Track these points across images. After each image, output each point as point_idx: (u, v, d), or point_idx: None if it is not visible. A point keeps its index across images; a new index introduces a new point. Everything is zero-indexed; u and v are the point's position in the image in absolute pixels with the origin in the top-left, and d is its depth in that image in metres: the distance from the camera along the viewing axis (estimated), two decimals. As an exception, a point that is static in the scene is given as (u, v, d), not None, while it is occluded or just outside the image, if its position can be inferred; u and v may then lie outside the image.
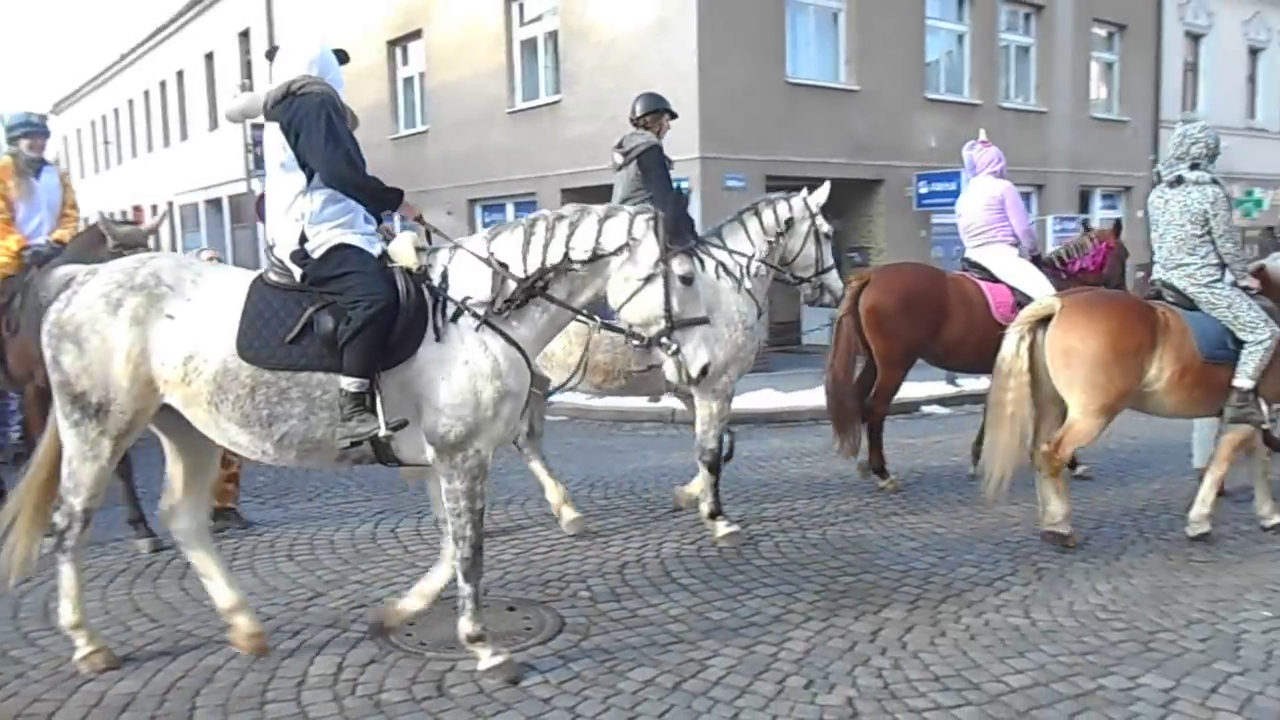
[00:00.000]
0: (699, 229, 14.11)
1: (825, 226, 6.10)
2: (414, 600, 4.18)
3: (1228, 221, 5.33)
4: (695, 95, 13.02)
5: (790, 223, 5.98)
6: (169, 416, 3.78)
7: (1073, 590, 4.76)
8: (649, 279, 3.69)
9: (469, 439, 3.64)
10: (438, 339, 3.62)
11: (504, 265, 3.73)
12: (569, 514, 5.91)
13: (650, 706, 3.60)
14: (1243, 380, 5.25)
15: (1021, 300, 6.50)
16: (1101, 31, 19.39)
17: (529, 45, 16.23)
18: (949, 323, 6.62)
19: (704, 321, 3.79)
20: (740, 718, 3.52)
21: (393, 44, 19.04)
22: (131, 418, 3.67)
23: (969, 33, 16.69)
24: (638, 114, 6.08)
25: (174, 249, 28.99)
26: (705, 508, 5.69)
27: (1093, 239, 7.63)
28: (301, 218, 3.67)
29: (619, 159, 5.94)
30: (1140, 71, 20.12)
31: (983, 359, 6.09)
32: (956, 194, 14.76)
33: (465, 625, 3.83)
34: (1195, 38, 21.82)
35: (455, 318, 3.66)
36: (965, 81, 16.82)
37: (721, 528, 5.59)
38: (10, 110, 6.24)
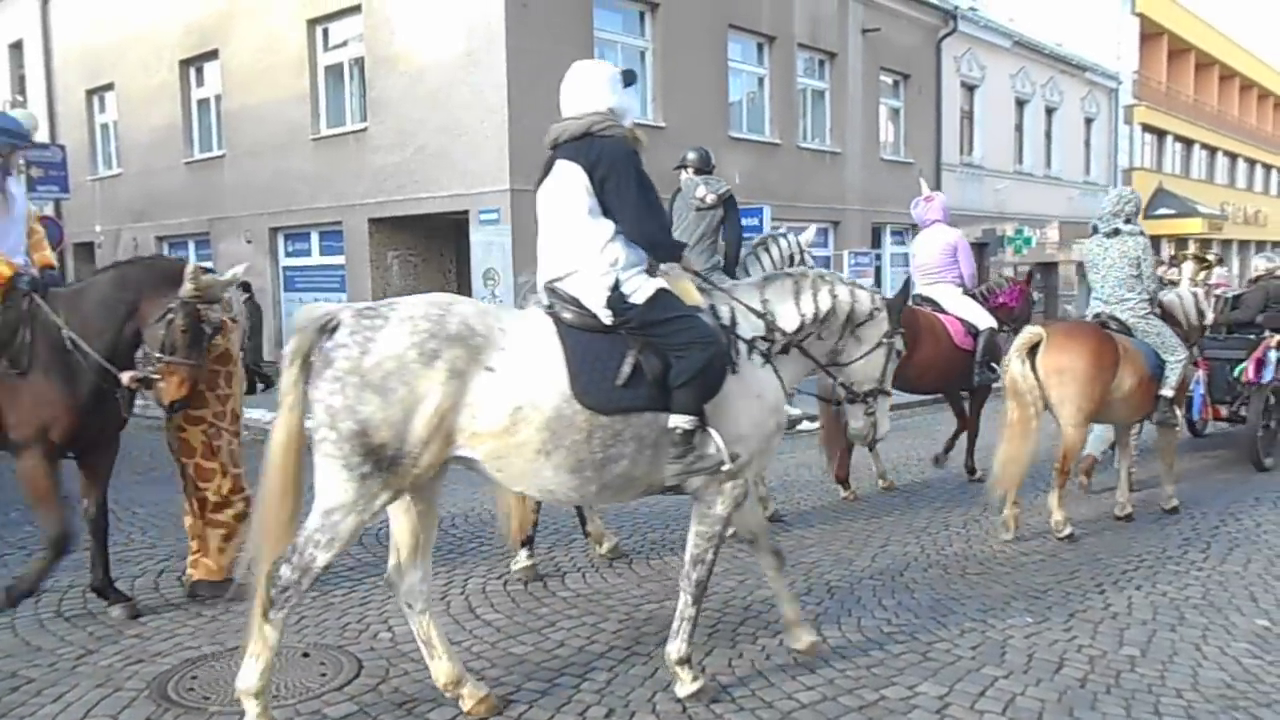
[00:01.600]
0: (511, 263, 14.14)
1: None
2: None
3: (1152, 265, 6.63)
4: (505, 128, 13.06)
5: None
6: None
7: (861, 606, 5.03)
8: (878, 345, 4.21)
9: (747, 467, 3.82)
10: (734, 374, 3.72)
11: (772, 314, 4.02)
12: (608, 542, 5.97)
13: None
14: (1167, 390, 6.54)
15: (969, 329, 7.56)
16: (888, 79, 20.84)
17: (334, 70, 15.82)
18: (920, 348, 7.01)
19: (889, 393, 4.38)
20: (542, 753, 3.50)
21: (186, 63, 18.10)
22: (421, 472, 3.45)
23: (769, 76, 17.54)
24: (711, 164, 7.29)
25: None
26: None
27: (1009, 280, 8.93)
28: (615, 264, 3.65)
29: (711, 199, 6.72)
30: (923, 118, 21.75)
31: (946, 380, 7.63)
32: (759, 229, 15.44)
33: (678, 648, 3.89)
34: (970, 88, 23.81)
35: (748, 355, 3.86)
36: (766, 122, 17.65)
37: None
38: None
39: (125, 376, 4.80)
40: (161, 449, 7.26)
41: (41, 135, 17.40)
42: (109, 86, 19.84)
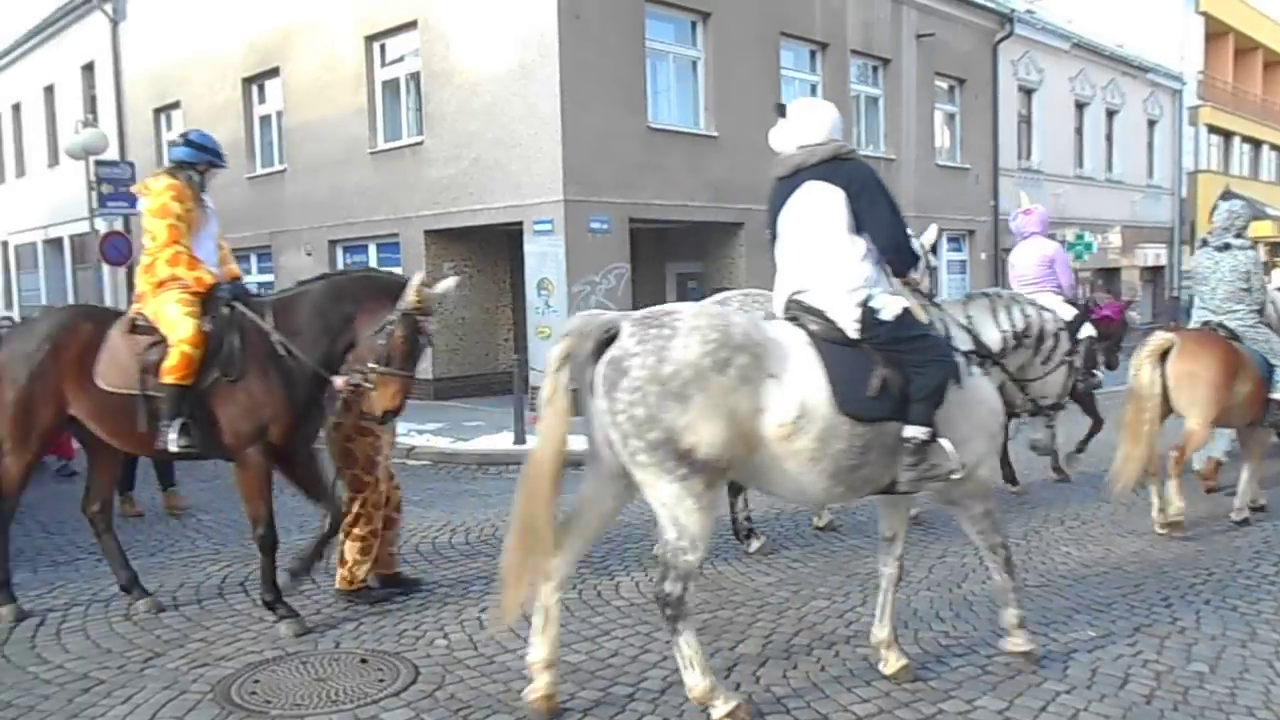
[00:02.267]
0: (564, 273, 14.26)
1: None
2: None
3: (1261, 277, 6.93)
4: (559, 140, 13.15)
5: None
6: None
7: (917, 618, 4.96)
8: (1061, 363, 4.59)
9: (978, 467, 4.03)
10: (958, 384, 3.93)
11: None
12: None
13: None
14: (1277, 394, 6.72)
15: None
16: (943, 84, 20.60)
17: (391, 86, 16.07)
18: None
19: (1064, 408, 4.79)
20: (595, 761, 3.51)
21: (248, 81, 18.53)
22: (722, 474, 3.60)
23: (822, 83, 17.44)
24: None
25: (9, 292, 27.28)
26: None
27: (1111, 295, 9.12)
28: (866, 281, 3.86)
29: None
30: (979, 123, 21.45)
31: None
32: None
33: (1014, 613, 4.27)
34: (1028, 92, 23.43)
35: (967, 366, 4.09)
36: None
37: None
38: (195, 131, 5.52)
39: (339, 381, 4.95)
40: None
41: (111, 153, 17.92)
42: (175, 105, 20.38)
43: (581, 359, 3.57)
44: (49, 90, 24.37)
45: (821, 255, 3.87)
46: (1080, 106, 25.45)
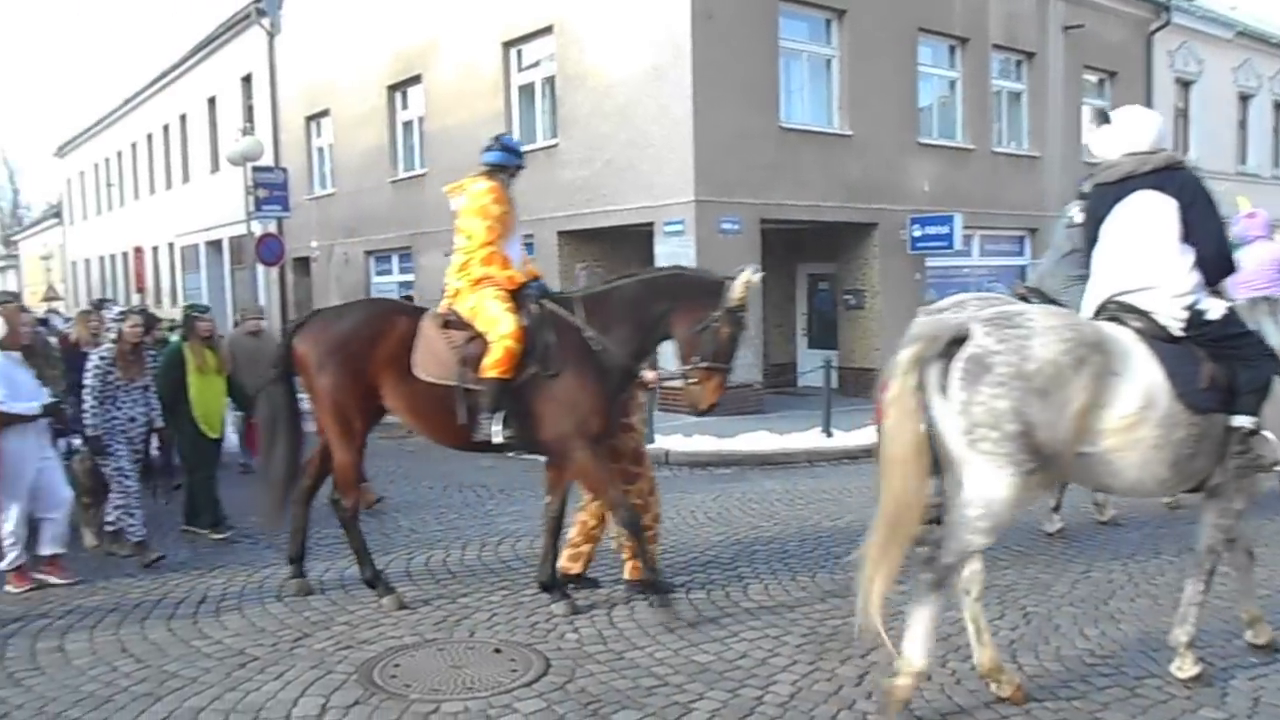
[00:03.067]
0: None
1: None
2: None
3: None
4: (690, 140, 13.18)
5: None
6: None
7: (1060, 635, 4.76)
8: None
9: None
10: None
11: None
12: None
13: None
14: None
15: None
16: (1092, 78, 19.66)
17: (526, 90, 16.44)
18: None
19: None
20: (723, 762, 3.50)
21: (393, 89, 19.28)
22: (1062, 468, 3.78)
23: (961, 79, 16.92)
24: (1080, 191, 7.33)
25: (173, 291, 29.15)
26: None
27: None
28: (1195, 285, 3.99)
29: (1080, 218, 6.89)
30: (1131, 117, 20.34)
31: None
32: (949, 237, 14.95)
33: (1186, 631, 4.16)
34: (1185, 84, 22.12)
35: None
36: (958, 126, 17.02)
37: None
38: (505, 135, 5.83)
39: (649, 375, 5.15)
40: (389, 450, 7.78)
41: (266, 159, 18.95)
42: (325, 113, 21.40)
43: (928, 359, 3.69)
44: (211, 101, 25.95)
45: (1151, 262, 3.98)
46: (1244, 99, 23.86)
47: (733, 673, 4.32)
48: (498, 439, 4.99)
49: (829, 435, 10.89)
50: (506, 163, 5.49)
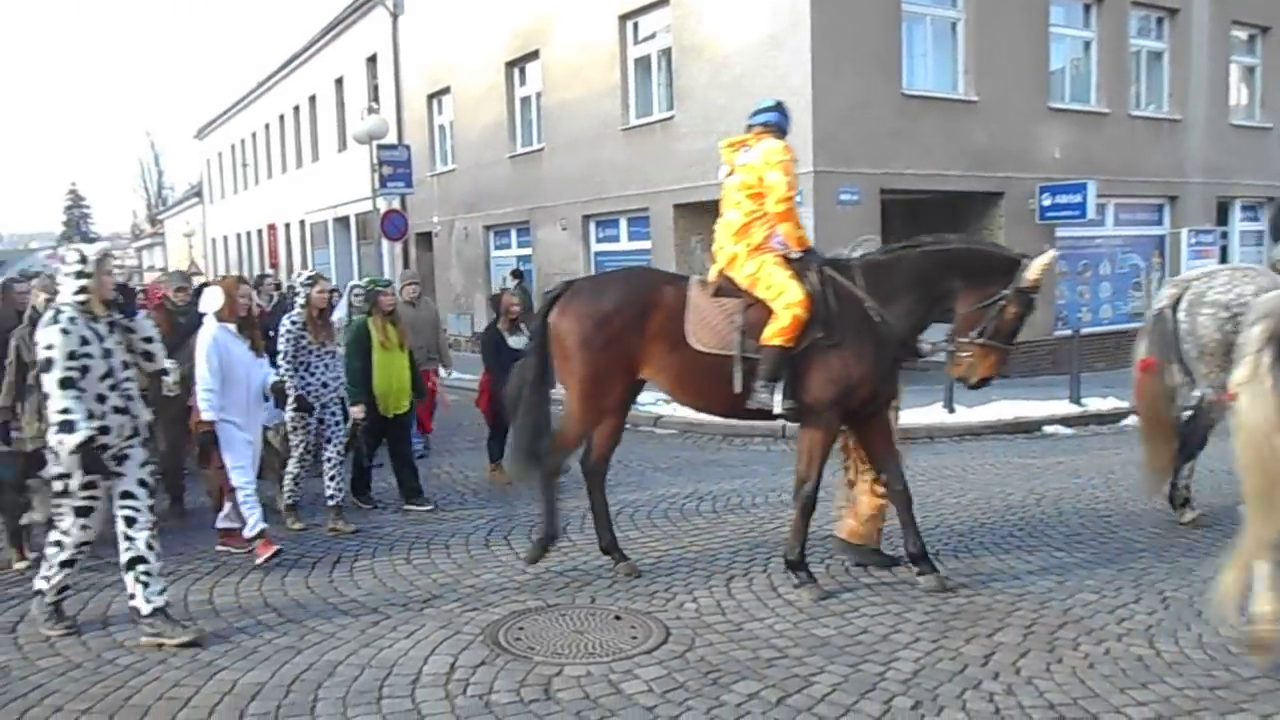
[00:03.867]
0: (813, 244, 14.04)
1: None
2: None
3: None
4: (809, 109, 12.92)
5: None
6: None
7: (1202, 621, 4.53)
8: None
9: None
10: None
11: None
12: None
13: (754, 720, 3.60)
14: None
15: None
16: (1242, 34, 18.41)
17: (643, 63, 16.42)
18: None
19: None
20: (845, 736, 3.48)
21: (511, 65, 19.53)
22: None
23: (1096, 39, 16.09)
24: None
25: (303, 265, 30.38)
26: None
27: None
28: None
29: None
30: (1285, 76, 19.02)
31: None
32: (1082, 206, 14.30)
33: None
34: (1347, 39, 20.49)
35: None
36: (1092, 89, 16.21)
37: None
38: (773, 98, 5.43)
39: (926, 347, 5.12)
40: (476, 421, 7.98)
41: (390, 137, 19.48)
42: (446, 90, 21.84)
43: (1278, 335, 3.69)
44: (339, 82, 26.80)
45: None
46: None
47: (853, 648, 4.28)
48: (778, 409, 4.89)
49: (951, 411, 10.62)
50: (782, 125, 5.25)
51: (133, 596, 4.45)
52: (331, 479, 6.51)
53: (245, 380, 5.79)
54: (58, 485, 4.40)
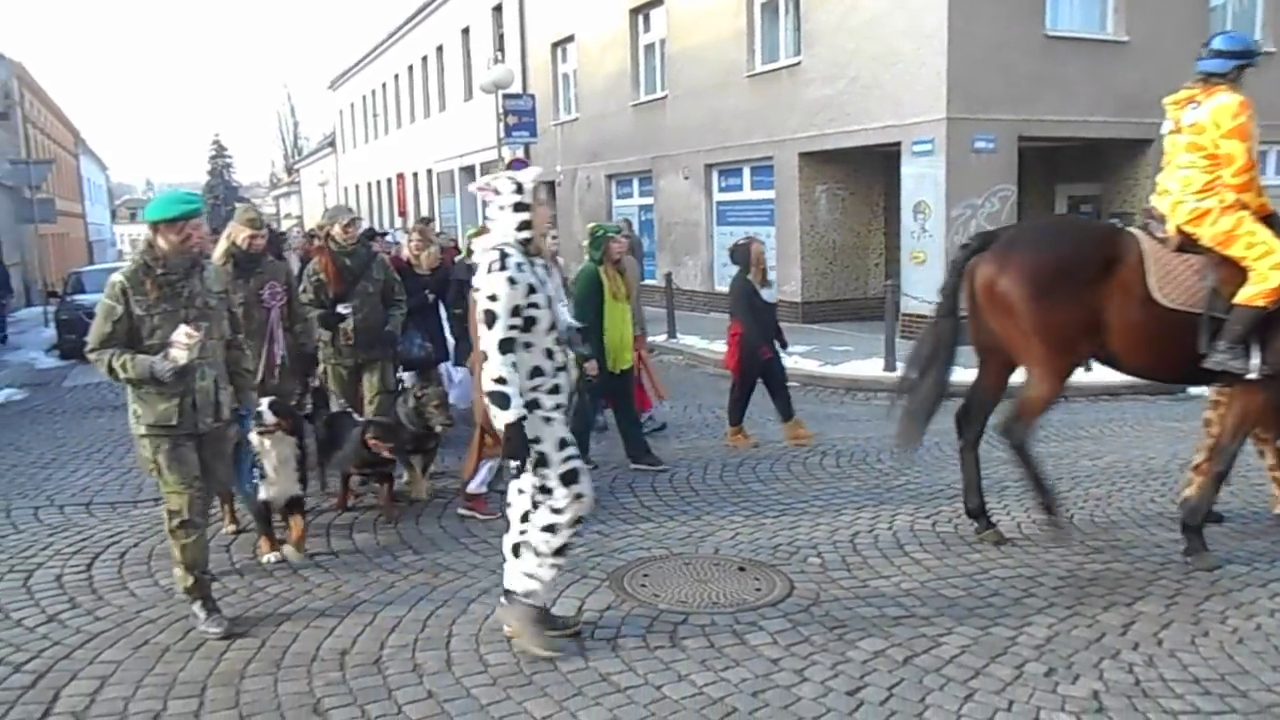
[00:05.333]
0: (943, 196, 13.53)
1: None
2: None
3: None
4: (944, 54, 12.43)
5: None
6: None
7: (1362, 600, 4.27)
8: None
9: None
10: None
11: None
12: None
13: (879, 678, 3.57)
14: None
15: None
16: None
17: (769, 7, 16.03)
18: None
19: None
20: (975, 699, 3.43)
21: (635, 12, 19.37)
22: None
23: (1264, -28, 14.91)
24: None
25: (430, 214, 31.13)
26: None
27: None
28: None
29: None
30: None
31: None
32: (1240, 154, 13.34)
33: None
34: None
35: None
36: (1257, 26, 15.05)
37: None
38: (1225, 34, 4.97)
39: None
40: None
41: (515, 87, 19.65)
42: (570, 39, 21.86)
43: None
44: (465, 32, 27.13)
45: None
46: None
47: (984, 610, 4.19)
48: (1253, 374, 4.56)
49: (1088, 370, 10.16)
50: (1248, 61, 4.76)
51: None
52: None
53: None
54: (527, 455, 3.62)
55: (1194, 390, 9.71)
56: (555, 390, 3.70)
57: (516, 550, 3.82)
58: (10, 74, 30.21)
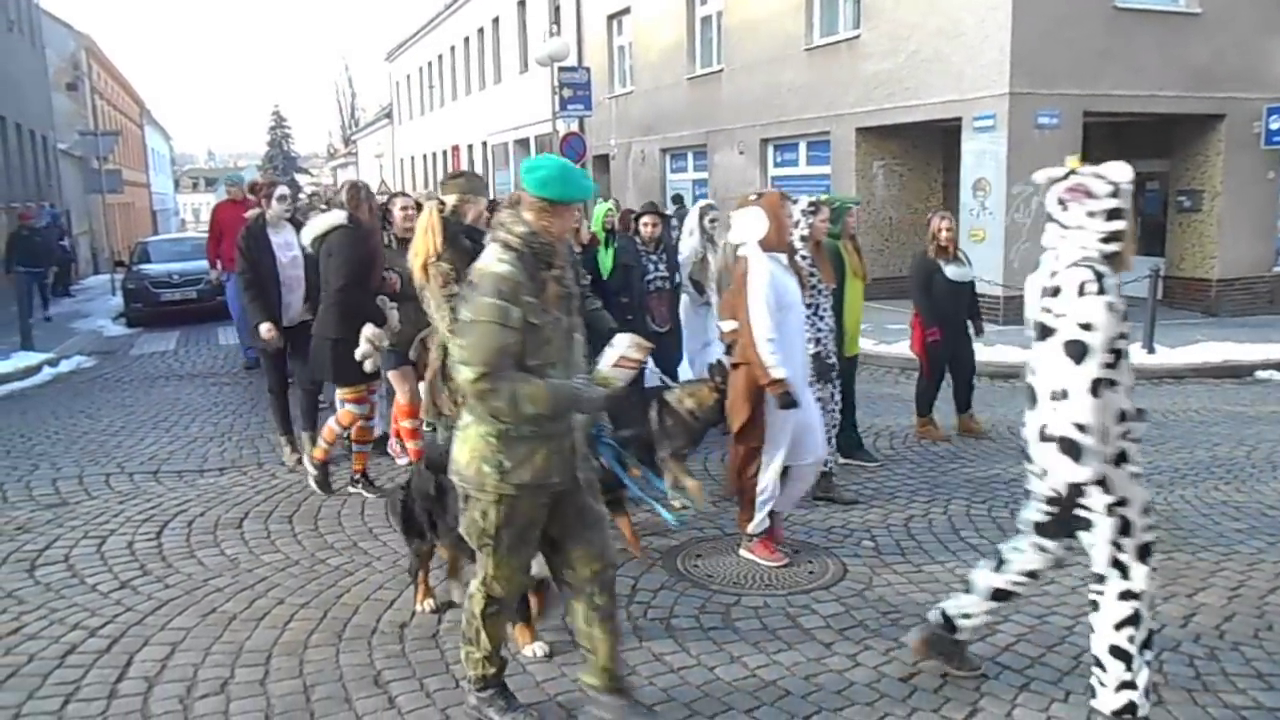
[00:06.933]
0: (1004, 173, 13.24)
1: None
2: None
3: None
4: (1008, 26, 12.14)
5: None
6: None
7: None
8: None
9: None
10: None
11: None
12: None
13: (933, 665, 3.57)
14: None
15: None
16: None
17: (830, -22, 15.79)
18: None
19: None
20: (1030, 688, 3.42)
21: (692, -17, 19.21)
22: None
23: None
24: None
25: (487, 186, 31.27)
26: None
27: None
28: None
29: None
30: None
31: None
32: (1318, 131, 12.90)
33: None
34: None
35: None
36: (1340, -3, 14.48)
37: None
38: None
39: None
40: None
41: (570, 60, 19.60)
42: (626, 11, 21.73)
43: None
44: (521, 4, 27.07)
45: None
46: None
47: (1039, 598, 4.15)
48: None
49: (1151, 352, 9.97)
50: None
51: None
52: None
53: (798, 326, 4.65)
54: (1108, 526, 2.99)
55: (1261, 374, 9.48)
56: (1137, 439, 3.04)
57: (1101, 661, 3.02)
58: (79, 46, 30.87)
